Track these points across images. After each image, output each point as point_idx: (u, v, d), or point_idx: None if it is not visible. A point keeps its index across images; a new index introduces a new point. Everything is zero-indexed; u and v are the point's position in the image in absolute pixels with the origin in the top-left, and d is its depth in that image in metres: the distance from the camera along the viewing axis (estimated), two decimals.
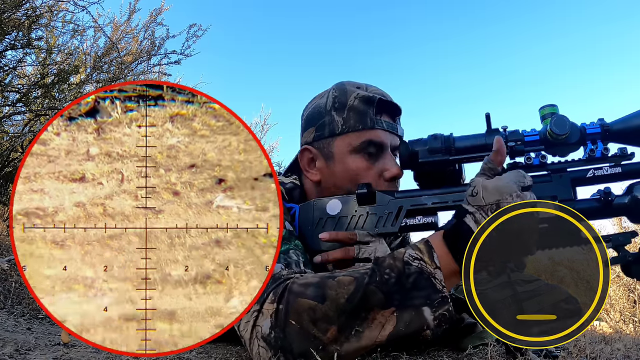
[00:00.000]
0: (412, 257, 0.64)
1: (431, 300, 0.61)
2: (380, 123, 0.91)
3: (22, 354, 0.67)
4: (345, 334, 0.60)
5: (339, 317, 0.61)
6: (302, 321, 0.61)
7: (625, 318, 3.79)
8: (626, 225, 3.30)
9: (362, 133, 0.91)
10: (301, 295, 0.63)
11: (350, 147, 0.91)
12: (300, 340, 0.61)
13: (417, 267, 0.63)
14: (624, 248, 0.69)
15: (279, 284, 0.66)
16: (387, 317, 0.61)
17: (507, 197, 0.65)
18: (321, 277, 0.66)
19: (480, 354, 0.79)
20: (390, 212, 0.82)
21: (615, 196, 0.72)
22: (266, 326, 0.63)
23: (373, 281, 0.62)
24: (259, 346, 0.63)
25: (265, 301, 0.64)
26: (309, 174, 0.96)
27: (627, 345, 0.94)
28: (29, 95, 2.14)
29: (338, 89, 0.95)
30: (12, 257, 1.58)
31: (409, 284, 0.62)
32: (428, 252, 0.65)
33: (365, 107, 0.91)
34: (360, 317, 0.61)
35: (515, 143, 0.76)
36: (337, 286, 0.63)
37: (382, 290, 0.61)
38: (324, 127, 0.94)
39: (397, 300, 0.61)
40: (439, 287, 0.62)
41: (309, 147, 0.96)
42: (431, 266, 0.63)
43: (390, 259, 0.65)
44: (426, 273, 0.63)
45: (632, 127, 0.73)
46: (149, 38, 2.62)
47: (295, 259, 0.75)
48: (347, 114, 0.92)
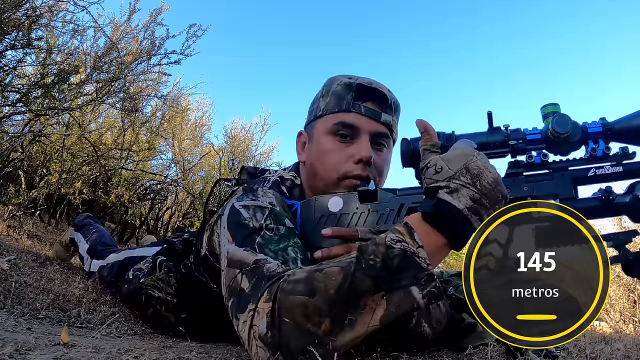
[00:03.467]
0: (393, 240, 0.64)
1: (418, 279, 0.61)
2: (357, 107, 0.95)
3: (22, 354, 0.67)
4: (339, 325, 0.60)
5: (331, 308, 0.60)
6: (295, 317, 0.61)
7: (625, 318, 3.79)
8: (626, 225, 3.30)
9: (337, 115, 0.95)
10: (291, 292, 0.62)
11: (325, 128, 0.96)
12: (296, 337, 0.60)
13: (400, 248, 0.63)
14: (625, 247, 0.69)
15: (273, 282, 0.65)
16: (378, 302, 0.60)
17: (472, 157, 0.67)
18: (309, 271, 0.65)
19: (480, 354, 0.79)
20: (392, 209, 0.82)
21: (616, 195, 0.72)
22: (262, 326, 0.62)
23: (359, 268, 0.62)
24: (257, 346, 0.63)
25: (261, 300, 0.64)
26: (300, 155, 1.04)
27: (627, 345, 0.94)
28: (29, 95, 2.13)
29: (330, 79, 1.01)
30: (12, 257, 1.58)
31: (394, 266, 0.62)
32: (408, 233, 0.65)
33: (344, 91, 0.96)
34: (352, 305, 0.60)
35: (517, 141, 0.77)
36: (325, 278, 0.62)
37: (369, 275, 0.61)
38: (312, 112, 1.02)
39: (385, 284, 0.61)
40: (424, 265, 0.62)
41: (302, 131, 1.05)
42: (413, 246, 0.63)
43: (372, 245, 0.64)
44: (410, 253, 0.63)
45: (634, 127, 0.73)
46: (149, 38, 2.61)
47: (293, 255, 0.74)
48: (329, 99, 0.98)
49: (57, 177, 2.77)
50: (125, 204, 3.30)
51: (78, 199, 2.99)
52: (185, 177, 3.84)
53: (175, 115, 3.83)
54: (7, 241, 2.10)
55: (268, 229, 0.78)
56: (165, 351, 0.82)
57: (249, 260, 0.72)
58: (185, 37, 2.50)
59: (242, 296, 0.68)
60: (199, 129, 4.29)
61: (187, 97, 4.02)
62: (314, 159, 0.97)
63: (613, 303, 3.83)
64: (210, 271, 1.00)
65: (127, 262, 1.52)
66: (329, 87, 0.99)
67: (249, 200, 0.85)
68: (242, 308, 0.66)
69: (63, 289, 1.36)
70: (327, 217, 0.86)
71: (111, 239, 1.96)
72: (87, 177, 3.08)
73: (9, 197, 2.56)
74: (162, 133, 3.71)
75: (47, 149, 2.93)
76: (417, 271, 0.62)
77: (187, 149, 4.03)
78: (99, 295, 1.44)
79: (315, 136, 0.98)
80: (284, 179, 0.97)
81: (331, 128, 0.95)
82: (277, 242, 0.76)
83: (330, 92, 0.98)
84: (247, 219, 0.80)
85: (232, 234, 0.80)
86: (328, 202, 0.87)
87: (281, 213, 0.83)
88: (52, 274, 1.59)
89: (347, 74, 1.00)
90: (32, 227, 2.74)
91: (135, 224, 3.69)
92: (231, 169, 4.10)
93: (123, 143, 3.28)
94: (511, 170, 0.79)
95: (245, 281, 0.70)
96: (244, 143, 4.42)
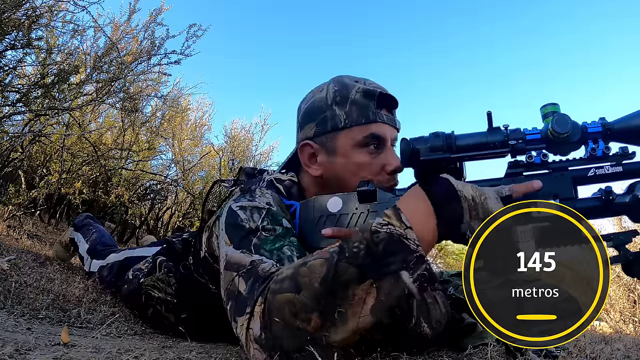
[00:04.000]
0: (379, 224, 0.62)
1: (407, 262, 0.59)
2: (381, 116, 0.93)
3: (22, 354, 0.67)
4: (330, 319, 0.58)
5: (318, 302, 0.59)
6: (285, 316, 0.60)
7: (625, 318, 3.79)
8: (626, 225, 3.30)
9: (366, 127, 0.91)
10: (278, 291, 0.62)
11: (354, 141, 0.92)
12: (287, 337, 0.60)
13: (385, 232, 0.61)
14: (625, 247, 0.69)
15: (267, 283, 0.65)
16: (367, 291, 0.58)
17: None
18: (295, 266, 0.64)
19: (480, 354, 0.79)
20: None
21: (616, 195, 0.72)
22: (257, 328, 0.62)
23: (342, 257, 0.60)
24: (254, 349, 0.63)
25: (256, 303, 0.64)
26: (310, 169, 0.96)
27: (627, 345, 0.94)
28: (29, 95, 2.13)
29: (338, 83, 0.95)
30: (12, 257, 1.58)
31: (380, 252, 0.60)
32: (395, 214, 0.62)
33: (367, 100, 0.92)
34: (339, 296, 0.59)
35: (516, 141, 0.76)
36: (310, 272, 0.61)
37: (354, 264, 0.59)
38: (326, 122, 0.93)
39: (372, 271, 0.59)
40: (413, 247, 0.60)
41: (310, 142, 0.95)
42: (401, 227, 0.61)
43: (358, 233, 0.63)
44: (396, 236, 0.60)
45: (634, 127, 0.73)
46: (149, 38, 2.61)
47: (288, 254, 0.74)
48: (349, 108, 0.92)
49: (57, 177, 2.77)
50: (125, 204, 3.30)
51: (78, 199, 2.99)
52: (185, 177, 3.83)
53: (175, 115, 3.83)
54: (7, 241, 2.10)
55: (265, 229, 0.78)
56: (165, 351, 0.83)
57: (245, 262, 0.72)
58: (185, 37, 2.50)
59: (240, 299, 0.68)
60: (199, 129, 4.29)
61: (187, 97, 4.02)
62: (342, 173, 0.92)
63: (613, 303, 3.83)
64: (210, 273, 1.00)
65: (127, 262, 1.52)
66: (343, 94, 0.93)
67: (246, 201, 0.85)
68: (240, 311, 0.66)
69: (63, 289, 1.36)
70: (326, 218, 0.85)
71: (111, 239, 1.96)
72: (87, 177, 3.08)
73: (9, 197, 2.55)
74: (162, 133, 3.71)
75: (47, 149, 2.92)
76: (406, 254, 0.60)
77: (187, 149, 4.03)
78: (99, 295, 1.44)
79: (340, 150, 0.92)
80: (280, 180, 0.96)
81: (361, 141, 0.91)
82: (273, 242, 0.76)
83: (349, 100, 0.92)
84: (244, 220, 0.80)
85: (229, 236, 0.80)
86: (327, 202, 0.87)
87: (278, 213, 0.83)
88: (52, 274, 1.59)
89: (351, 76, 0.97)
90: (32, 227, 2.74)
91: (135, 224, 3.69)
92: (231, 169, 4.10)
93: (123, 143, 3.28)
94: (511, 170, 0.78)
95: (242, 283, 0.69)
96: (244, 143, 4.42)
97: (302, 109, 1.00)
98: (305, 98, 1.00)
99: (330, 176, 0.94)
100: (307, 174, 0.98)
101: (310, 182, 0.97)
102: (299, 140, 0.99)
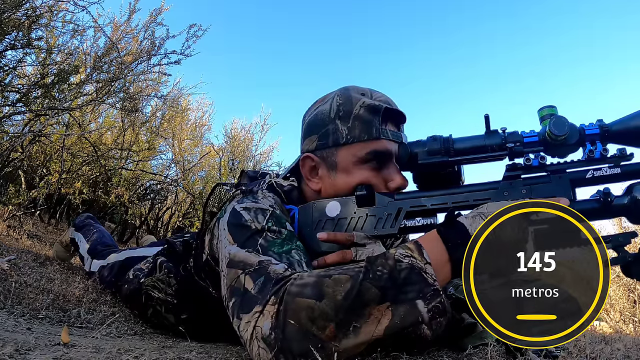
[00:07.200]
0: (402, 255, 0.66)
1: (424, 294, 0.63)
2: (385, 133, 0.89)
3: (22, 354, 0.67)
4: (344, 331, 0.61)
5: (337, 314, 0.61)
6: (301, 320, 0.61)
7: (625, 318, 3.79)
8: (626, 226, 3.30)
9: (368, 144, 0.88)
10: (299, 294, 0.63)
11: (355, 158, 0.89)
12: (299, 340, 0.61)
13: (408, 262, 0.65)
14: (624, 249, 0.70)
15: (281, 285, 0.66)
16: (383, 312, 0.62)
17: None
18: (318, 275, 0.66)
19: (480, 354, 0.79)
20: (390, 213, 0.82)
21: (614, 197, 0.72)
22: (266, 327, 0.63)
23: (367, 277, 0.63)
24: (259, 347, 0.63)
25: (268, 303, 0.64)
26: (311, 182, 0.95)
27: (627, 345, 0.94)
28: (29, 95, 2.13)
29: (342, 96, 0.92)
30: (12, 257, 1.58)
31: (401, 279, 0.63)
32: (417, 249, 0.67)
33: (371, 116, 0.89)
34: (357, 313, 0.62)
35: (514, 144, 0.76)
36: (334, 284, 0.63)
37: (377, 286, 0.63)
38: (328, 135, 0.91)
39: (391, 295, 0.62)
40: (430, 280, 0.64)
41: (311, 155, 0.94)
42: (421, 262, 0.65)
43: (381, 257, 0.66)
44: (417, 268, 0.64)
45: (631, 128, 0.73)
46: (149, 38, 2.61)
47: (297, 258, 0.75)
48: (352, 123, 0.89)
49: (57, 177, 2.77)
50: (125, 204, 3.30)
51: (78, 199, 3.00)
52: (185, 177, 3.84)
53: (175, 115, 3.83)
54: (7, 241, 2.10)
55: (270, 230, 0.78)
56: (165, 351, 0.83)
57: (253, 261, 0.73)
58: (185, 37, 2.50)
59: (247, 297, 0.68)
60: (199, 129, 4.29)
61: (187, 97, 4.02)
62: (342, 190, 0.90)
63: (613, 303, 3.84)
64: (212, 276, 1.00)
65: (127, 262, 1.52)
66: (347, 108, 0.90)
67: (250, 203, 0.85)
68: (247, 309, 0.67)
69: (63, 289, 1.36)
70: (325, 222, 0.86)
71: (112, 239, 1.96)
72: (87, 177, 3.09)
73: (9, 197, 2.56)
74: (162, 133, 3.71)
75: (47, 149, 2.93)
76: (423, 285, 0.63)
77: (187, 149, 4.03)
78: (99, 295, 1.44)
79: (340, 165, 0.90)
80: (281, 185, 0.95)
81: (363, 158, 0.89)
82: (281, 245, 0.76)
83: (352, 115, 0.89)
84: (248, 221, 0.80)
85: (233, 235, 0.80)
86: (326, 206, 0.87)
87: (281, 216, 0.83)
88: (52, 274, 1.59)
89: (358, 87, 0.94)
90: (32, 227, 2.74)
91: (135, 224, 3.69)
92: (231, 169, 4.10)
93: (123, 143, 3.28)
94: (509, 173, 0.78)
95: (249, 282, 0.70)
96: (244, 143, 4.43)
97: (306, 120, 0.98)
98: (310, 109, 0.99)
99: (329, 191, 0.92)
100: (308, 186, 0.97)
101: (311, 193, 0.96)
102: (302, 151, 0.98)
